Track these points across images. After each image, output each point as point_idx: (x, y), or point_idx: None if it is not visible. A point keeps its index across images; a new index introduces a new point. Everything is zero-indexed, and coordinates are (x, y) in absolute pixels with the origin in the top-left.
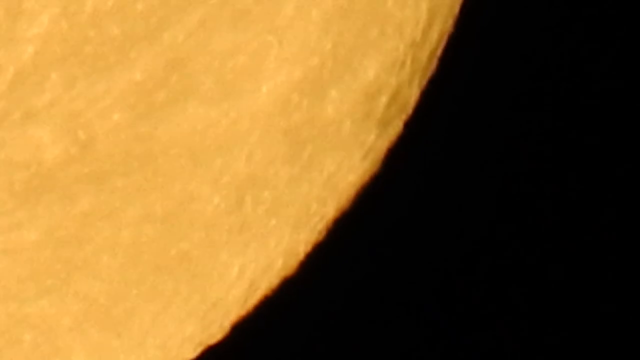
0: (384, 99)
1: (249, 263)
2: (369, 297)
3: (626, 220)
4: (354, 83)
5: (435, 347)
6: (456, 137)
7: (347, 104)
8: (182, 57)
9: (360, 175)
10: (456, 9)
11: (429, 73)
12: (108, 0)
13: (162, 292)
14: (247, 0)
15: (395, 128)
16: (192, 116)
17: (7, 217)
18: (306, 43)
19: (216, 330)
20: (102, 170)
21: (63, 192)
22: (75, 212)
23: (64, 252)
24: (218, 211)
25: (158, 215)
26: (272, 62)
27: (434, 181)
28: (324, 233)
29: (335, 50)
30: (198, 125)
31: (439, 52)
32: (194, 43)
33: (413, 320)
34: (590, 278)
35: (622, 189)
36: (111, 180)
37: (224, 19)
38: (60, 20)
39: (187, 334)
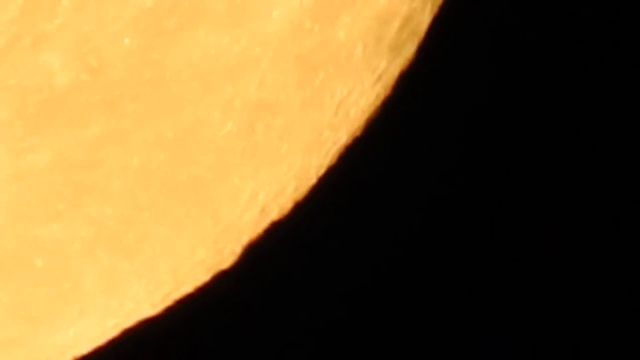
0: (395, 24)
1: (260, 187)
2: (379, 222)
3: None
4: (365, 8)
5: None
6: (467, 63)
7: (359, 29)
8: None
9: (372, 101)
10: None
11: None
12: None
13: (173, 216)
14: None
15: (407, 53)
16: (203, 42)
17: (19, 142)
18: None
19: (228, 254)
20: (113, 95)
21: (74, 117)
22: (86, 136)
23: (74, 176)
24: (229, 136)
25: (169, 139)
26: None
27: (445, 107)
28: (335, 158)
29: None
30: (209, 51)
31: None
32: None
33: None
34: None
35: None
36: (122, 105)
37: None
38: None
39: (199, 259)
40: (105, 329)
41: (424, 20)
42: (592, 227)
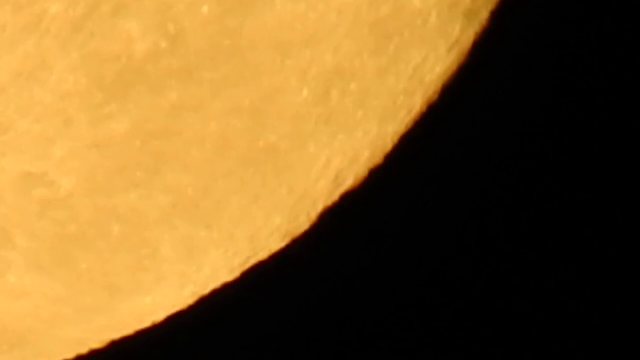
0: None
1: (335, 155)
2: (457, 188)
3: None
4: None
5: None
6: (541, 28)
7: None
8: None
9: (447, 68)
10: None
11: None
12: None
13: (250, 184)
14: None
15: (482, 19)
16: (280, 10)
17: (97, 110)
18: None
19: (303, 221)
20: (191, 63)
21: (152, 85)
22: (164, 104)
23: (152, 145)
24: (305, 103)
25: (246, 107)
26: None
27: (520, 72)
28: (411, 125)
29: None
30: (286, 19)
31: None
32: None
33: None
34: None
35: None
36: (200, 73)
37: None
38: None
39: (275, 226)
40: (183, 296)
41: None
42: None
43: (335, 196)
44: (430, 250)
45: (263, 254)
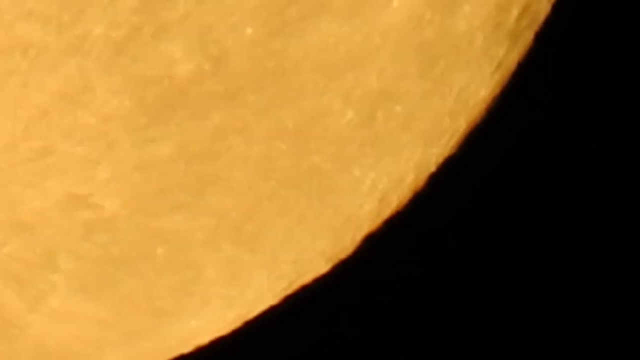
0: (515, 12)
1: (380, 177)
2: (499, 209)
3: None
4: None
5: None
6: (587, 50)
7: (479, 18)
8: None
9: (491, 89)
10: None
11: None
12: None
13: (294, 206)
14: None
15: (526, 41)
16: (323, 32)
17: (141, 133)
18: None
19: (348, 244)
20: (234, 85)
21: (195, 107)
22: (208, 127)
23: (196, 166)
24: (350, 125)
25: (290, 129)
26: None
27: (565, 94)
28: (455, 147)
29: None
30: (330, 41)
31: None
32: None
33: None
34: None
35: None
36: (243, 95)
37: None
38: None
39: (319, 249)
40: (227, 319)
41: (543, 7)
42: None
43: (380, 219)
44: (476, 272)
45: (307, 278)
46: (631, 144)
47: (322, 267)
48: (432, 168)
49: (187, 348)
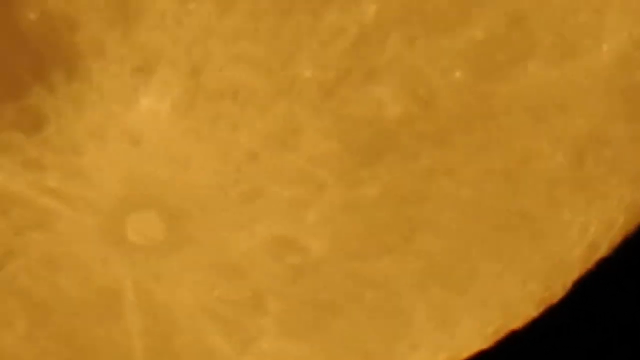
0: None
1: (590, 221)
2: None
3: None
4: None
5: None
6: None
7: None
8: (522, 14)
9: None
10: None
11: None
12: None
13: (503, 250)
14: None
15: None
16: (532, 75)
17: (349, 174)
18: None
19: (558, 289)
20: (442, 127)
21: (404, 149)
22: (416, 168)
23: (404, 209)
24: (559, 168)
25: (499, 171)
26: (613, 18)
27: None
28: None
29: None
30: (539, 84)
31: None
32: None
33: None
34: None
35: None
36: (452, 137)
37: None
38: None
39: (529, 293)
40: None
41: None
42: None
43: (590, 264)
44: None
45: (517, 322)
46: None
47: (531, 312)
48: None
49: None
